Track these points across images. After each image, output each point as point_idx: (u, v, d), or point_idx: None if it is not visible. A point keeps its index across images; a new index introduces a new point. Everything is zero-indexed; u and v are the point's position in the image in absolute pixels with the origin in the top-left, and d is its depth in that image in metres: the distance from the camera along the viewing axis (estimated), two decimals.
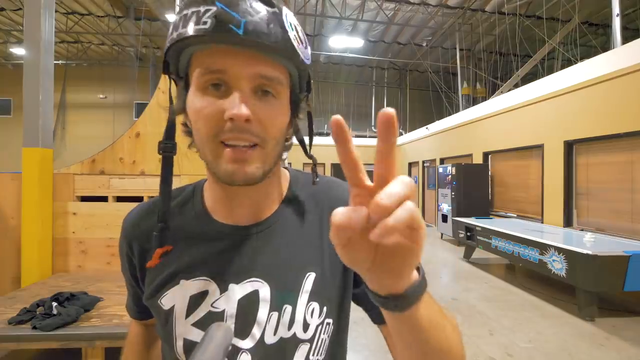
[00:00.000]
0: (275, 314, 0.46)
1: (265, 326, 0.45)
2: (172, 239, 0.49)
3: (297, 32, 0.43)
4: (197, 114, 0.41)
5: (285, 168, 0.58)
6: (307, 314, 0.47)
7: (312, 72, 0.48)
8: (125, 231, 0.54)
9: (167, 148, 0.48)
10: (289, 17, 0.42)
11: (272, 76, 0.42)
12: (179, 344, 0.47)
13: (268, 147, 0.43)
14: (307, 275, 0.48)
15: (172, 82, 0.49)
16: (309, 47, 0.46)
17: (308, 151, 0.52)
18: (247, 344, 0.45)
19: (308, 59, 0.45)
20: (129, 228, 0.53)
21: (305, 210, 0.52)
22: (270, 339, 0.45)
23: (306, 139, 0.53)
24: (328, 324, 0.49)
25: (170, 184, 0.50)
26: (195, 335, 0.46)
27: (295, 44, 0.41)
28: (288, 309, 0.46)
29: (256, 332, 0.45)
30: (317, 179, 0.54)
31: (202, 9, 0.38)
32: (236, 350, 0.45)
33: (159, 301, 0.48)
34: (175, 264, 0.48)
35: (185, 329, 0.46)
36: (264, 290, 0.46)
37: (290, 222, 0.51)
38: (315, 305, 0.47)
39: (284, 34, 0.40)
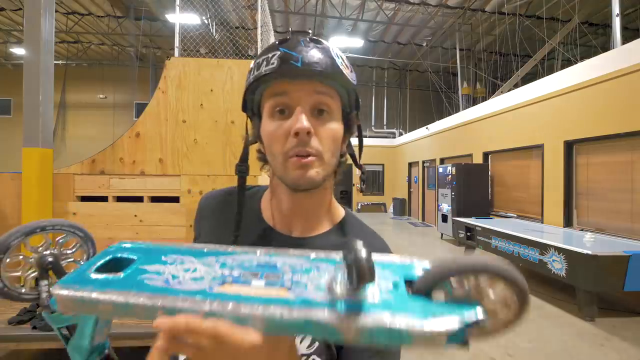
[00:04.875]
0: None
1: None
2: (229, 232, 0.58)
3: (343, 60, 0.52)
4: (270, 137, 0.51)
5: (346, 209, 0.65)
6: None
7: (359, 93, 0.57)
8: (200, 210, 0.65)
9: (242, 169, 0.58)
10: (335, 50, 0.52)
11: (325, 92, 0.50)
12: None
13: (325, 157, 0.51)
14: None
15: (248, 118, 0.59)
16: (354, 72, 0.55)
17: (358, 161, 0.61)
18: None
19: (354, 80, 0.54)
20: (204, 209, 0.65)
21: None
22: None
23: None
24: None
25: (244, 200, 0.58)
26: None
27: (341, 68, 0.51)
28: None
29: None
30: (364, 186, 0.62)
31: (270, 55, 0.49)
32: None
33: None
34: None
35: None
36: None
37: (331, 248, 0.52)
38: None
39: (332, 61, 0.50)
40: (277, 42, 0.50)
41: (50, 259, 0.51)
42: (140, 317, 0.35)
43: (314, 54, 0.48)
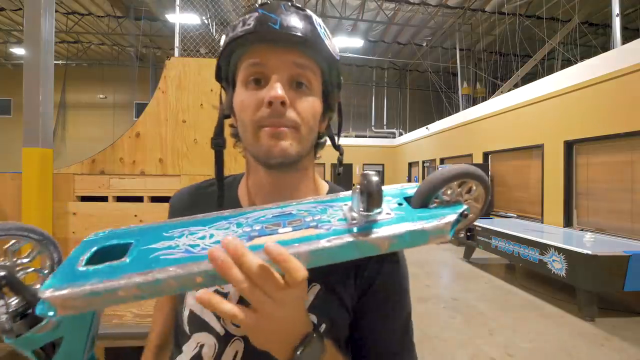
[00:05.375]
0: None
1: None
2: None
3: (326, 31, 0.49)
4: (241, 106, 0.47)
5: (326, 181, 0.61)
6: None
7: (341, 70, 0.54)
8: (172, 207, 0.61)
9: (218, 144, 0.53)
10: (317, 20, 0.48)
11: (305, 64, 0.46)
12: (185, 314, 0.50)
13: (301, 131, 0.47)
14: (310, 286, 0.47)
15: (222, 88, 0.55)
16: (336, 46, 0.51)
17: (336, 142, 0.57)
18: (241, 331, 0.47)
19: (337, 54, 0.50)
20: (176, 203, 0.60)
21: None
22: None
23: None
24: None
25: (223, 174, 0.55)
26: (198, 309, 0.50)
27: (323, 37, 0.47)
28: None
29: None
30: (340, 169, 0.58)
31: (247, 16, 0.45)
32: (229, 336, 0.47)
33: None
34: None
35: (192, 301, 0.50)
36: None
37: None
38: (312, 318, 0.46)
39: (313, 29, 0.46)
40: (257, 5, 0.47)
41: (1, 273, 0.41)
42: (171, 291, 0.33)
43: (295, 19, 0.44)
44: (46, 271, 0.44)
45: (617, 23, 5.39)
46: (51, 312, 0.31)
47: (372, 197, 0.34)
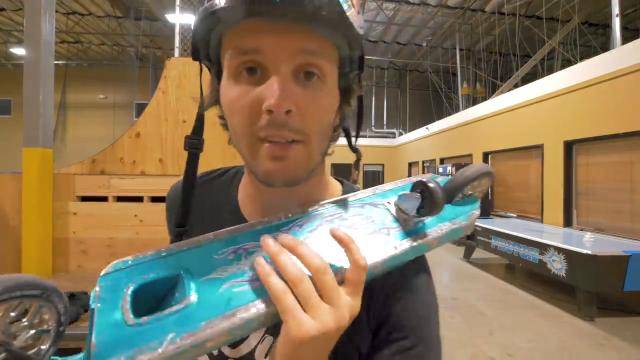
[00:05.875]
0: (269, 339, 0.42)
1: (256, 347, 0.42)
2: (204, 226, 0.44)
3: None
4: (232, 106, 0.36)
5: (339, 181, 0.51)
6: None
7: (365, 45, 0.39)
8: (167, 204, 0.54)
9: (194, 144, 0.42)
10: None
11: (316, 49, 0.34)
12: None
13: (312, 143, 0.36)
14: None
15: (206, 69, 0.43)
16: (362, 13, 0.38)
17: (353, 143, 0.45)
18: (235, 353, 0.43)
19: (362, 28, 0.36)
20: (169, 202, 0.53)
21: None
22: (260, 358, 0.42)
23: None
24: None
25: (194, 184, 0.45)
26: None
27: (345, 7, 0.32)
28: None
29: (245, 348, 0.43)
30: (357, 174, 0.47)
31: None
32: (223, 358, 0.43)
33: None
34: None
35: None
36: None
37: None
38: None
39: None
40: None
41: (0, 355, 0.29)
42: (261, 327, 0.30)
43: None
44: (50, 329, 0.34)
45: (616, 23, 5.39)
46: None
47: (436, 206, 0.35)
